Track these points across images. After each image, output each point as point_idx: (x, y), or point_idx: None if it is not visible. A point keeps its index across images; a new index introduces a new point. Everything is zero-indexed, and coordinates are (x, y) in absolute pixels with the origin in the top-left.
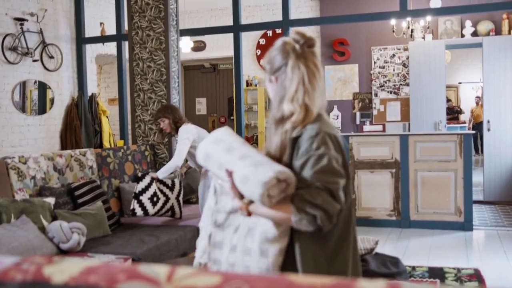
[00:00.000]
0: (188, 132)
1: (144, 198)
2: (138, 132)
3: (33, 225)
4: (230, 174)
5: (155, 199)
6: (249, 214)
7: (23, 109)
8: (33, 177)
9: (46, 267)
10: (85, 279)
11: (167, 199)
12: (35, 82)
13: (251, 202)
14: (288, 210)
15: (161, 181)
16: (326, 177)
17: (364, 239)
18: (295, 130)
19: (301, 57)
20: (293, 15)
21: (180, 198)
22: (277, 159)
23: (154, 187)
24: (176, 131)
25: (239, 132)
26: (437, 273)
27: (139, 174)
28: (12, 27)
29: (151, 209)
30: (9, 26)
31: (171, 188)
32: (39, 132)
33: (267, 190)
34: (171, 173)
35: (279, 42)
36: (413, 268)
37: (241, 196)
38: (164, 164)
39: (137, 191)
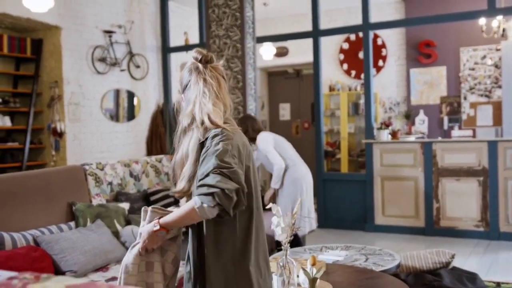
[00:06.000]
0: (265, 141)
1: None
2: None
3: (107, 229)
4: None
5: None
6: (165, 229)
7: (116, 117)
8: (110, 183)
9: (32, 285)
10: None
11: None
12: (126, 91)
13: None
14: (189, 204)
15: None
16: (220, 162)
17: (440, 252)
18: (202, 135)
19: (201, 73)
20: (376, 18)
21: None
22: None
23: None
24: (252, 140)
25: (318, 137)
26: None
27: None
28: (102, 39)
29: None
30: (99, 39)
31: None
32: (127, 138)
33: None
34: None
35: (188, 62)
36: (498, 284)
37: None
38: None
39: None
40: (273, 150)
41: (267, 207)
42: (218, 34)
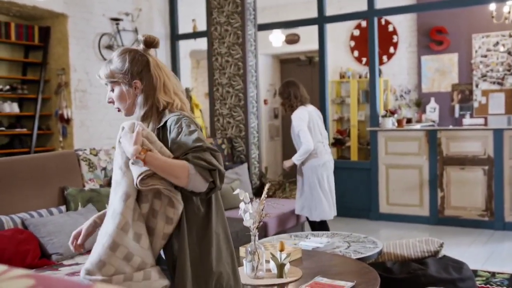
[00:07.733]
0: (299, 119)
1: None
2: (217, 125)
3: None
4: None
5: None
6: (145, 162)
7: None
8: (104, 168)
9: None
10: None
11: None
12: None
13: (149, 150)
14: (182, 163)
15: None
16: (205, 142)
17: (429, 240)
18: (158, 121)
19: (154, 60)
20: (386, 3)
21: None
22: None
23: None
24: (290, 108)
25: (325, 125)
26: None
27: None
28: (109, 27)
29: None
30: (106, 26)
31: None
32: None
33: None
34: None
35: (123, 50)
36: (493, 274)
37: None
38: (241, 156)
39: None
40: (306, 129)
41: (234, 192)
42: (220, 21)
